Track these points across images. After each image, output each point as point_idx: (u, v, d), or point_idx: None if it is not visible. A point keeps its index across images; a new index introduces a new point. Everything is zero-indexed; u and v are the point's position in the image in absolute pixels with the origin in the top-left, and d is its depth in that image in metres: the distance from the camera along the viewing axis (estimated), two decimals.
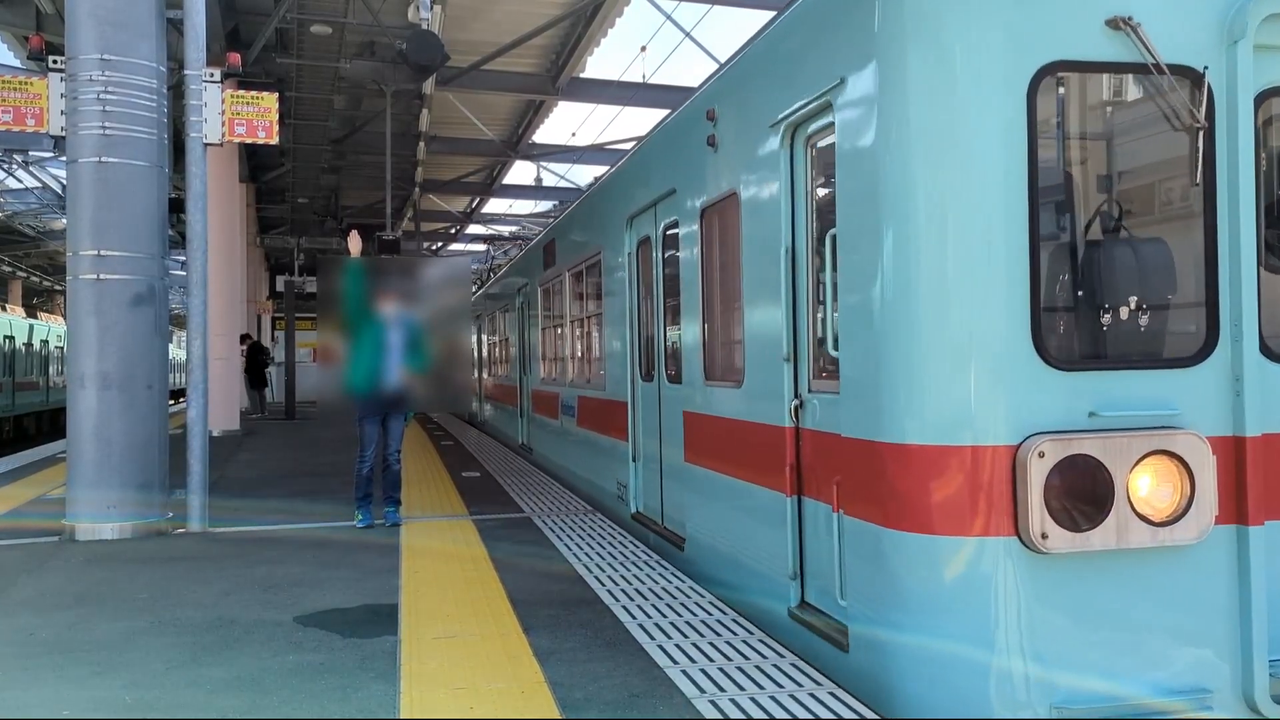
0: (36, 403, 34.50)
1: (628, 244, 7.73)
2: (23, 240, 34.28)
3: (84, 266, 7.10)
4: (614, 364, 8.35)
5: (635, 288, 7.68)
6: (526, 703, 3.67)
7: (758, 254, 5.03)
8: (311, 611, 5.02)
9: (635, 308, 7.68)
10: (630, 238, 7.72)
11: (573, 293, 10.44)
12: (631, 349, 7.72)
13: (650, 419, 7.28)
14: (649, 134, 7.84)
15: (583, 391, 9.79)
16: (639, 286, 7.63)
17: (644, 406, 7.50)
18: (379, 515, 7.57)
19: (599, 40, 17.26)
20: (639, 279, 7.63)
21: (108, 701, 3.74)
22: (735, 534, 5.51)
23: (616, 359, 8.23)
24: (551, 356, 11.96)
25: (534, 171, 26.98)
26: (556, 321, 11.41)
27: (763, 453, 4.98)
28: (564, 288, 10.67)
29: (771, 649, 4.30)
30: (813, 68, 4.41)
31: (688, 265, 6.21)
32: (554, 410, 11.47)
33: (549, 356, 12.16)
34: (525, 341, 13.92)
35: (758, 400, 5.08)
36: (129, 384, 7.14)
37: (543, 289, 12.19)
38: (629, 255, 7.74)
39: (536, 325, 12.79)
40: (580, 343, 10.44)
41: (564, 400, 10.81)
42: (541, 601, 5.16)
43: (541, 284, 12.20)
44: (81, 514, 7.10)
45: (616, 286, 8.15)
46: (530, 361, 13.42)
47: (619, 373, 8.12)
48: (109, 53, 7.09)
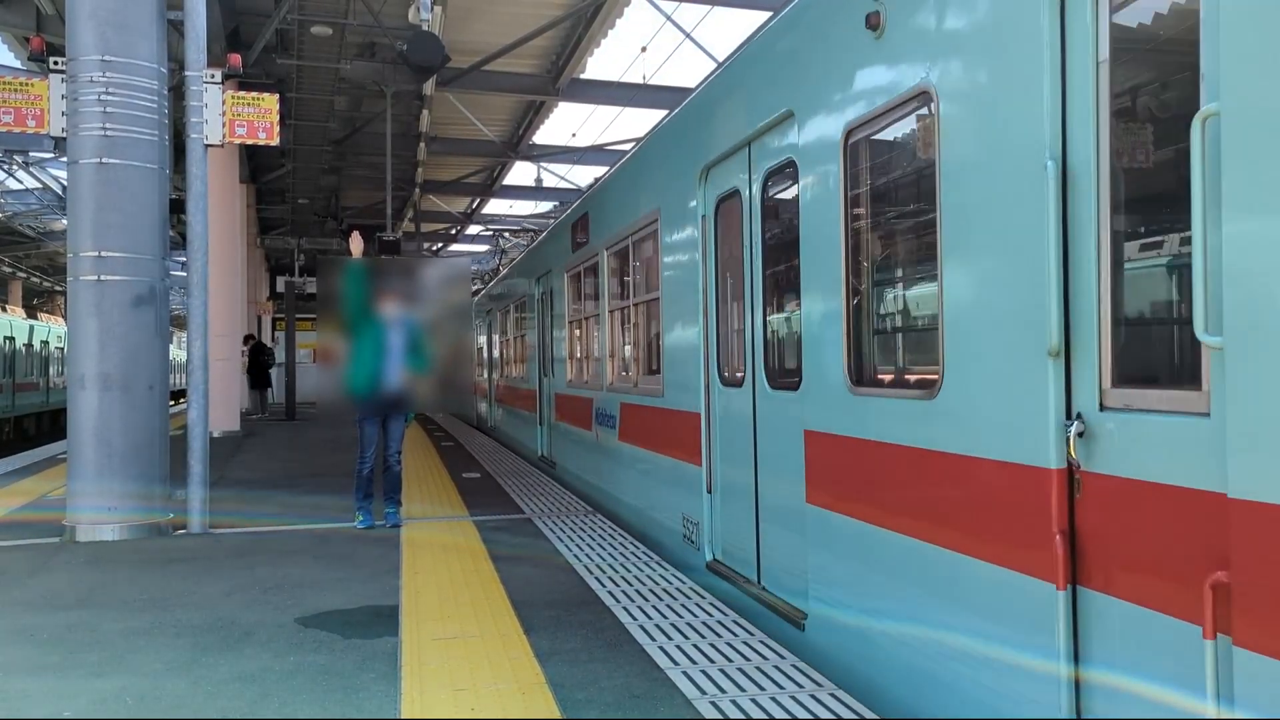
0: (36, 403, 34.52)
1: (702, 204, 6.05)
2: (23, 241, 34.28)
3: (85, 268, 7.10)
4: (678, 363, 6.60)
5: (712, 262, 5.96)
6: (527, 703, 3.67)
7: (981, 176, 3.29)
8: (312, 612, 5.02)
9: (712, 288, 5.97)
10: (705, 195, 6.03)
11: (614, 275, 8.69)
12: (706, 343, 6.04)
13: (737, 438, 5.57)
14: (737, 51, 5.81)
15: (628, 398, 8.02)
16: (718, 260, 5.91)
17: (726, 420, 5.77)
18: (379, 516, 7.57)
19: (599, 41, 17.27)
20: (718, 250, 5.91)
21: (108, 702, 3.74)
22: (925, 628, 3.64)
23: (682, 357, 6.49)
24: (582, 355, 10.20)
25: (534, 172, 26.99)
26: (589, 313, 9.60)
27: (990, 508, 3.24)
28: (601, 270, 8.90)
29: (773, 650, 4.30)
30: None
31: (815, 219, 4.45)
32: (584, 419, 9.67)
33: (578, 355, 10.37)
34: (546, 338, 12.18)
35: (973, 421, 3.34)
36: (130, 385, 7.14)
37: (570, 275, 10.50)
38: (703, 219, 6.04)
39: (562, 319, 10.96)
40: (624, 337, 8.62)
41: (600, 408, 9.01)
42: (542, 602, 5.16)
43: (568, 269, 10.47)
44: (82, 515, 7.10)
45: (682, 262, 6.45)
46: (553, 362, 11.70)
47: (685, 375, 6.39)
48: (110, 54, 7.10)
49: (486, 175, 27.27)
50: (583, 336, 10.14)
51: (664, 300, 6.88)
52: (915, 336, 4.05)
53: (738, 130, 5.45)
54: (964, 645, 3.36)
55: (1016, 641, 3.07)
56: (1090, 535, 2.85)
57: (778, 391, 5.03)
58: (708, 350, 6.01)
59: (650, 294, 7.38)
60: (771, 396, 5.09)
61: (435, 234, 35.54)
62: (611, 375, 8.76)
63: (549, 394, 12.03)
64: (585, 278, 9.80)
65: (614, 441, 8.46)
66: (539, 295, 12.70)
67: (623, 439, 8.18)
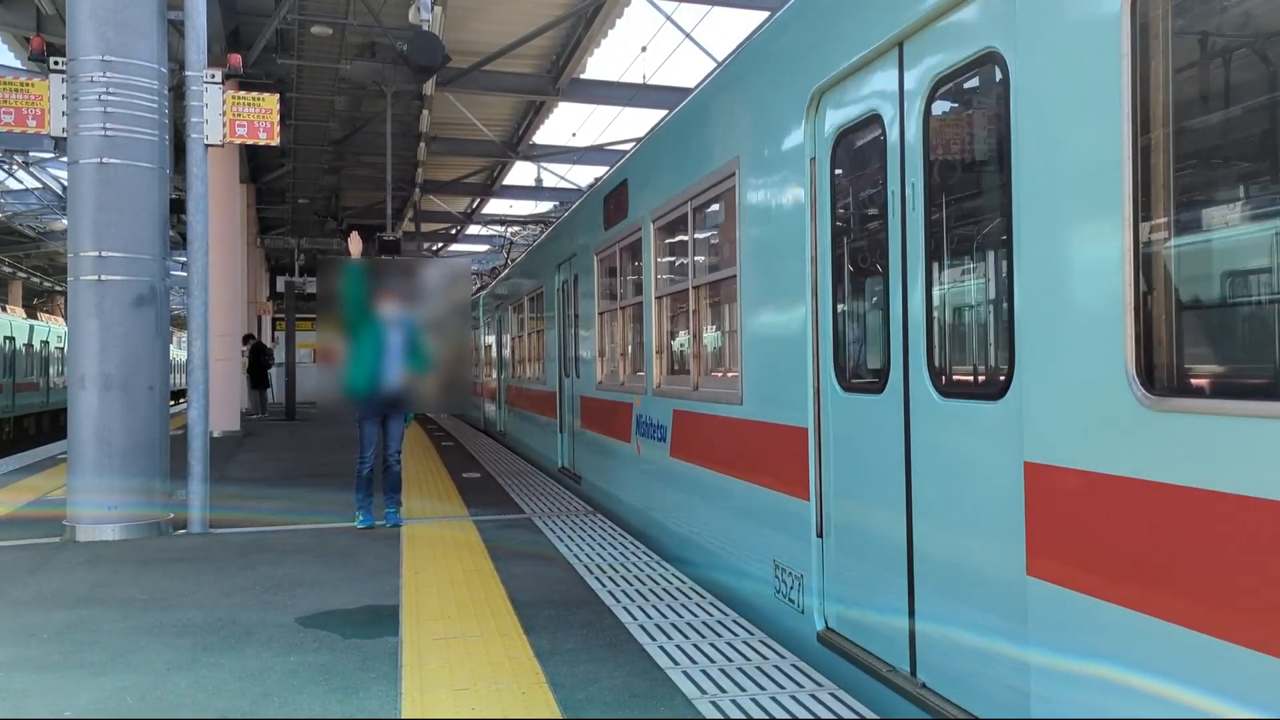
0: (36, 403, 34.53)
1: (810, 141, 4.53)
2: (23, 241, 34.31)
3: (85, 267, 7.11)
4: (767, 360, 5.08)
5: (826, 219, 4.44)
6: (527, 703, 3.67)
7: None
8: (312, 612, 5.02)
9: (825, 256, 4.44)
10: (816, 129, 4.49)
11: (664, 252, 7.26)
12: (817, 333, 4.48)
13: (871, 464, 4.05)
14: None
15: (684, 404, 6.54)
16: (834, 217, 4.41)
17: (850, 439, 4.25)
18: (380, 515, 7.58)
19: (599, 41, 17.28)
20: (834, 203, 4.42)
21: (109, 701, 3.75)
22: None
23: (773, 351, 4.98)
24: (617, 352, 8.71)
25: (534, 172, 27.03)
26: (628, 300, 8.23)
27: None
28: (645, 247, 7.35)
29: (773, 650, 4.30)
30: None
31: (1056, 133, 2.90)
32: (620, 428, 8.25)
33: (612, 352, 8.92)
34: (569, 334, 10.64)
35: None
36: (130, 385, 7.15)
37: (601, 258, 9.02)
38: (812, 163, 4.51)
39: (589, 310, 9.41)
40: (677, 328, 7.17)
41: (643, 415, 7.52)
42: (542, 602, 5.16)
43: (599, 251, 9.00)
44: (82, 515, 7.11)
45: (775, 224, 4.93)
46: (576, 361, 10.24)
47: (779, 376, 4.91)
48: (110, 54, 7.10)
49: (486, 175, 27.28)
50: (619, 330, 8.64)
51: (744, 278, 5.35)
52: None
53: (878, 28, 3.90)
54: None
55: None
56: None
57: (955, 401, 3.50)
58: (818, 342, 4.49)
59: (722, 271, 6.02)
60: (941, 408, 3.56)
61: (435, 234, 35.56)
62: (659, 376, 7.22)
63: (572, 397, 10.49)
64: (623, 259, 8.37)
65: (663, 458, 6.93)
66: (559, 285, 11.24)
67: (676, 455, 6.66)
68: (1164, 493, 2.50)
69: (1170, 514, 2.49)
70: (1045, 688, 2.94)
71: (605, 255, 8.90)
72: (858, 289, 4.39)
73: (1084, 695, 2.78)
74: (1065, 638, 2.87)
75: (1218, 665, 2.33)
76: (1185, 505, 2.44)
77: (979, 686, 3.34)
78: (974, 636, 3.36)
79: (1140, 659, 2.57)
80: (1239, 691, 2.28)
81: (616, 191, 8.33)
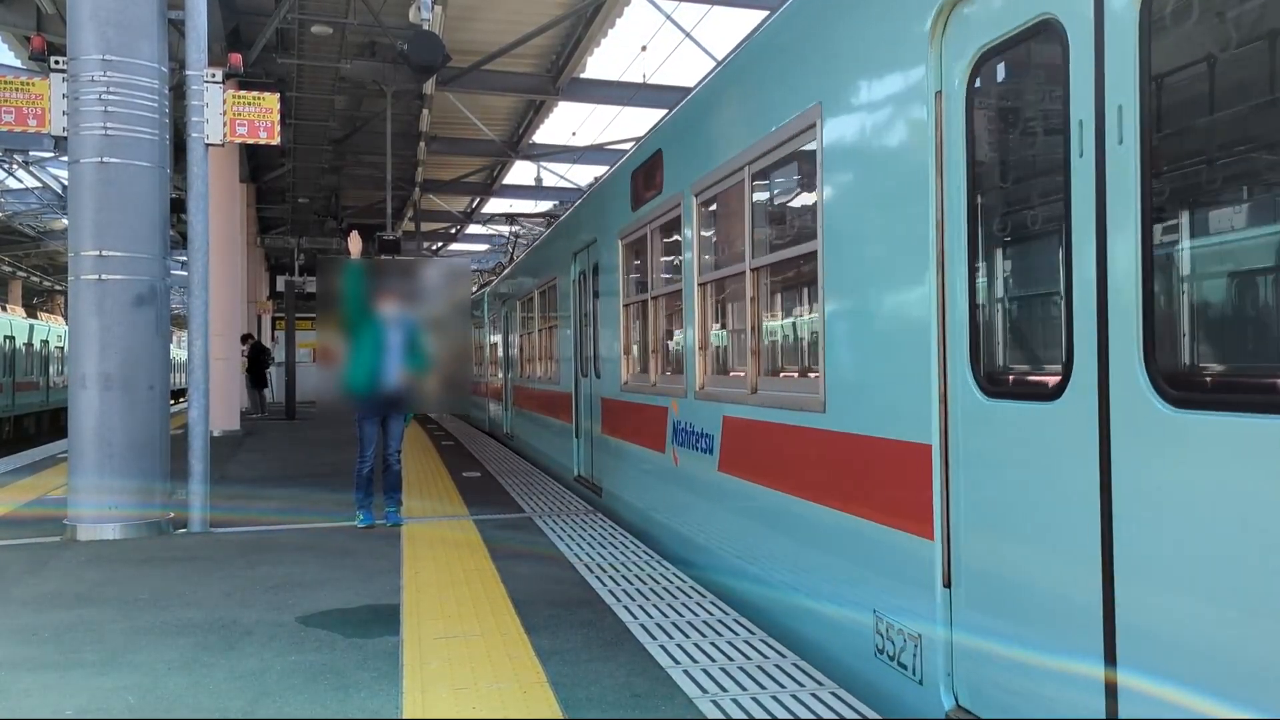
0: (36, 403, 34.54)
1: (934, 73, 3.51)
2: (23, 240, 34.32)
3: (85, 267, 7.11)
4: (863, 357, 4.11)
5: (960, 172, 3.41)
6: (528, 703, 3.67)
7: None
8: (313, 611, 5.02)
9: (959, 218, 3.42)
10: (945, 55, 3.49)
11: (711, 229, 6.35)
12: (943, 320, 3.50)
13: (1034, 498, 3.05)
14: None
15: (738, 410, 5.56)
16: (971, 168, 3.39)
17: (995, 461, 3.26)
18: (380, 515, 7.58)
19: (599, 40, 17.29)
20: (971, 149, 3.40)
21: (109, 701, 3.75)
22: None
23: (871, 346, 4.04)
24: (648, 348, 7.73)
25: (534, 171, 27.03)
26: (662, 289, 7.28)
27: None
28: (687, 226, 6.36)
29: (773, 649, 4.30)
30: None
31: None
32: (652, 435, 7.29)
33: (641, 348, 7.96)
34: (587, 329, 9.72)
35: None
36: (130, 384, 7.15)
37: (628, 242, 8.07)
38: (938, 98, 3.51)
39: (613, 302, 8.54)
40: (726, 320, 6.40)
41: (682, 422, 6.57)
42: (543, 601, 5.16)
43: (625, 236, 8.07)
44: (83, 514, 7.11)
45: (879, 182, 3.93)
46: (596, 359, 9.32)
47: (880, 376, 3.94)
48: (110, 53, 7.10)
49: (486, 174, 27.29)
50: (650, 323, 7.63)
51: (828, 254, 4.36)
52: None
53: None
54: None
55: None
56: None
57: (1194, 414, 2.47)
58: (945, 333, 3.48)
59: (794, 247, 5.02)
60: (1171, 422, 2.52)
61: (435, 233, 35.57)
62: (702, 375, 6.31)
63: (591, 399, 9.54)
64: (655, 241, 7.35)
65: (709, 472, 6.02)
66: (576, 275, 10.27)
67: (727, 469, 5.73)
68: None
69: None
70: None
71: (633, 239, 7.87)
72: (1013, 261, 3.40)
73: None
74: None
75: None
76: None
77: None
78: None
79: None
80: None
81: (647, 165, 7.30)
